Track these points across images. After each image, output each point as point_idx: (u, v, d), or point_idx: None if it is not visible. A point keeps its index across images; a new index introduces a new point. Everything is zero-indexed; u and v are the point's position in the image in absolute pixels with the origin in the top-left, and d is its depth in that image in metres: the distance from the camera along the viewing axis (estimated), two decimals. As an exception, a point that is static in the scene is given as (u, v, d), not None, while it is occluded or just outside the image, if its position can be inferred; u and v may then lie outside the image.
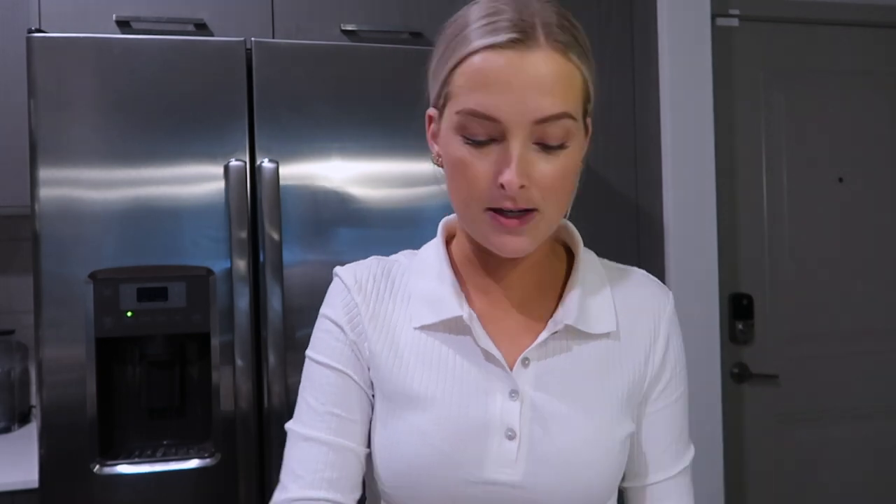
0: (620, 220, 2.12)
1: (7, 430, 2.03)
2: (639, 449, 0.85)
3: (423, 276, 0.84)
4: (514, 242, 0.74)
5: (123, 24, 1.77)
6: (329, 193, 1.66)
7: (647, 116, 2.14)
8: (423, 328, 0.81)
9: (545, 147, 0.71)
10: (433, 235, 0.92)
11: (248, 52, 1.63)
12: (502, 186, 0.70)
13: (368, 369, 0.83)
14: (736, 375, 2.30)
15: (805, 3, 2.37)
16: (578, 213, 2.38)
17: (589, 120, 0.78)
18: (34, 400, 2.15)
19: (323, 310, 0.88)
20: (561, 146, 0.72)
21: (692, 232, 2.14)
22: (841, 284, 2.40)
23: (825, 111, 2.39)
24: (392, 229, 1.67)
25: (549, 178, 0.72)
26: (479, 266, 0.84)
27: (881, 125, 2.44)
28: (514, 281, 0.83)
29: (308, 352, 0.86)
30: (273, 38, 1.84)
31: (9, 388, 2.05)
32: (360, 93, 1.68)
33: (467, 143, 0.72)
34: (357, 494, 0.83)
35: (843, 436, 2.40)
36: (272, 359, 1.59)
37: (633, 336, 0.84)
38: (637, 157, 2.14)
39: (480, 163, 0.72)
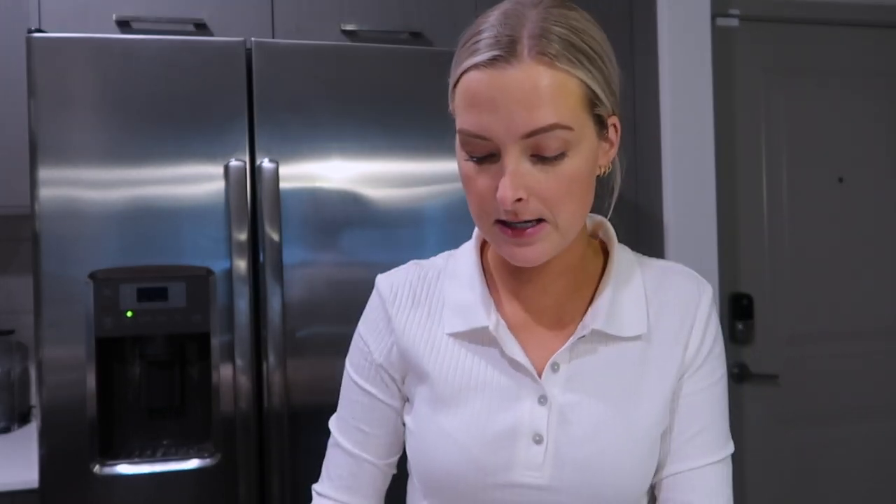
0: (620, 220, 2.11)
1: (7, 430, 2.03)
2: (664, 437, 0.83)
3: (456, 283, 0.86)
4: (524, 253, 0.75)
5: (123, 24, 1.77)
6: (329, 193, 1.66)
7: (647, 116, 2.14)
8: (454, 335, 0.83)
9: (542, 158, 0.71)
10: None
11: (248, 52, 1.63)
12: None
13: (402, 381, 0.88)
14: (736, 375, 2.30)
15: (805, 3, 2.37)
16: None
17: (612, 119, 0.77)
18: (34, 400, 2.15)
19: (360, 322, 0.92)
20: (560, 156, 0.71)
21: (692, 232, 2.14)
22: (841, 284, 2.40)
23: (825, 111, 2.39)
24: (392, 229, 1.67)
25: (550, 189, 0.71)
26: (512, 270, 0.85)
27: (881, 125, 2.44)
28: (546, 285, 0.83)
29: (347, 360, 0.93)
30: (273, 38, 1.84)
31: (9, 388, 2.05)
32: (360, 93, 1.68)
33: (469, 160, 0.74)
34: (376, 501, 0.93)
35: (842, 436, 2.40)
36: (272, 359, 1.59)
37: (668, 336, 0.83)
38: (637, 157, 2.14)
39: (482, 178, 0.73)
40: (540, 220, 0.73)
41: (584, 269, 0.85)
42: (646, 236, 2.14)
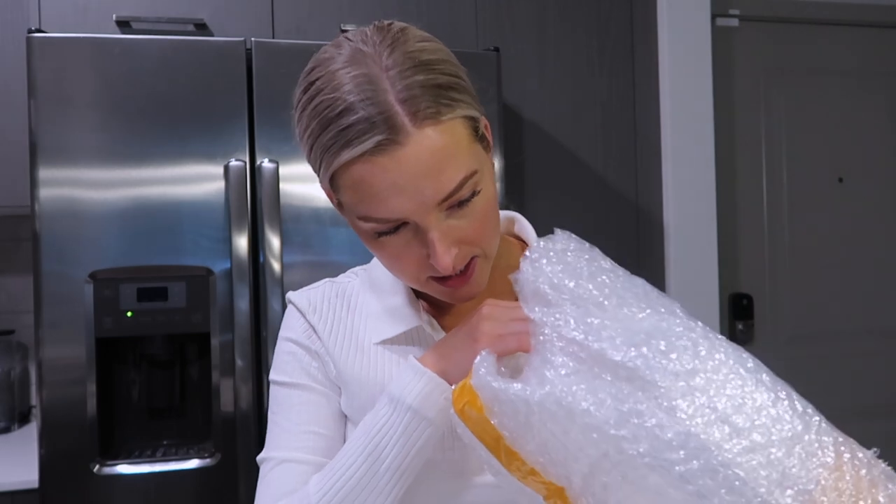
0: (620, 220, 2.12)
1: (7, 430, 2.02)
2: None
3: (378, 291, 0.83)
4: (465, 293, 0.73)
5: (123, 24, 1.77)
6: (329, 193, 1.65)
7: (647, 116, 2.14)
8: (383, 343, 0.80)
9: (458, 204, 0.68)
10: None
11: (248, 52, 1.63)
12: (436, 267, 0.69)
13: (339, 389, 0.82)
14: (736, 375, 2.30)
15: (805, 3, 2.37)
16: (578, 213, 2.36)
17: (482, 122, 0.72)
18: (34, 400, 2.15)
19: (283, 333, 0.85)
20: (472, 195, 0.68)
21: (692, 232, 2.14)
22: (841, 284, 2.40)
23: (825, 111, 2.39)
24: (392, 229, 1.67)
25: (474, 229, 0.69)
26: None
27: (881, 125, 2.44)
28: None
29: (272, 376, 0.84)
30: (273, 38, 1.84)
31: (9, 388, 2.05)
32: (360, 93, 1.67)
33: (382, 236, 0.70)
34: None
35: (843, 436, 2.40)
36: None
37: None
38: (637, 157, 2.14)
39: (402, 248, 0.70)
40: (472, 258, 0.71)
41: (502, 266, 0.81)
42: (646, 236, 2.14)
